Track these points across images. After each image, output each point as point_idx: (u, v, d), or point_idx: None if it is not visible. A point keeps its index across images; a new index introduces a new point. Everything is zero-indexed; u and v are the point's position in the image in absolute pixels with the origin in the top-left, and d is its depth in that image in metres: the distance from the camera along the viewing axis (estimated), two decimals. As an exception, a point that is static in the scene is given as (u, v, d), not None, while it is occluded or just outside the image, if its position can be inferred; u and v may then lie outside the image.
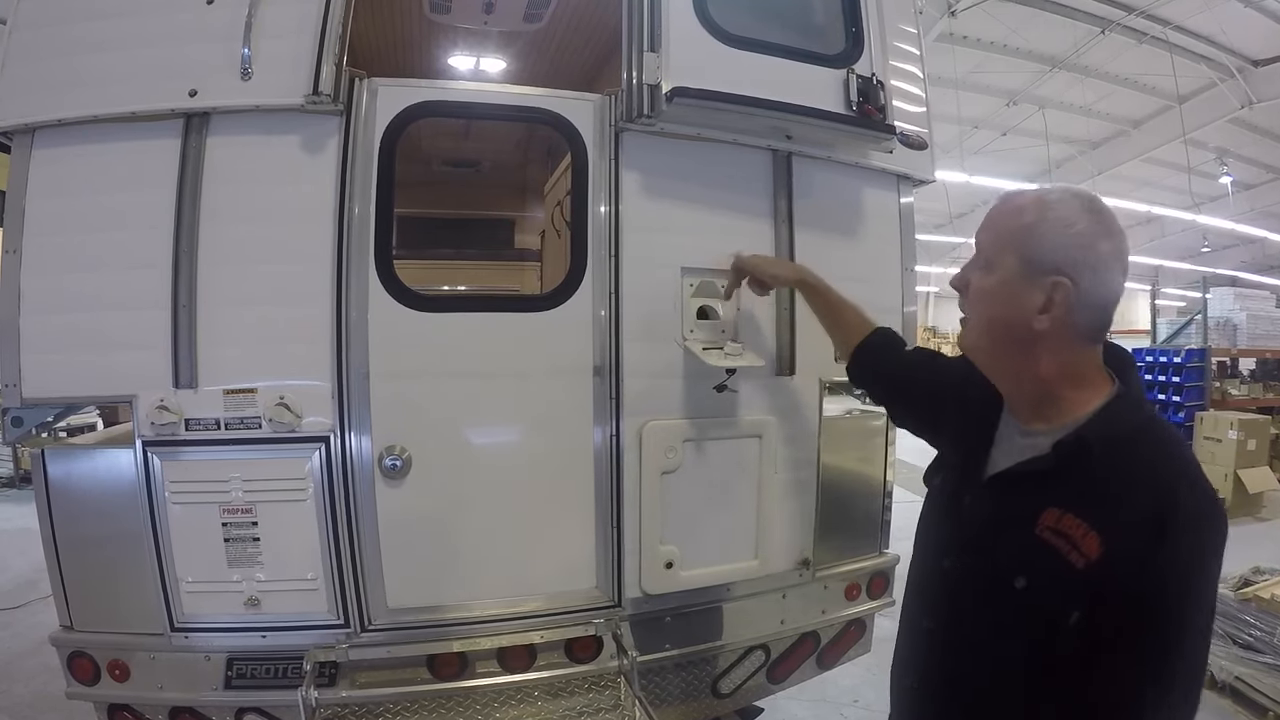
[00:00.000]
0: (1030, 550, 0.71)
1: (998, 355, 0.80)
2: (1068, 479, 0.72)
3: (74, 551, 1.38)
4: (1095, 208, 0.73)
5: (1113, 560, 0.67)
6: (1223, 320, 6.73)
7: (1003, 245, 0.76)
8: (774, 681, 1.77)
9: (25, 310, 1.32)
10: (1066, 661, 0.69)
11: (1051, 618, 0.70)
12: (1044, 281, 0.72)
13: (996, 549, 0.76)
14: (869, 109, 1.53)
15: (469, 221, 3.60)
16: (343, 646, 1.39)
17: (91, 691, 1.41)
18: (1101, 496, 0.69)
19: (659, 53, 1.39)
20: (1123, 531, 0.67)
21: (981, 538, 0.78)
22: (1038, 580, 0.71)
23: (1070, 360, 0.75)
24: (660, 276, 1.53)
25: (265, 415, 1.34)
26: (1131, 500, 0.68)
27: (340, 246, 1.37)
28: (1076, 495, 0.70)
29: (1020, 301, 0.74)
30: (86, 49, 1.34)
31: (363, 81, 1.40)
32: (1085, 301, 0.72)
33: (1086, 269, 0.72)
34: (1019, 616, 0.73)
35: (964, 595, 0.80)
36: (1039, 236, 0.73)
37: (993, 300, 0.77)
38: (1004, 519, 0.76)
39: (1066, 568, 0.68)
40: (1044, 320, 0.73)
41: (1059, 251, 0.72)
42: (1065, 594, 0.69)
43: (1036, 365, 0.75)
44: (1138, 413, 0.75)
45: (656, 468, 1.51)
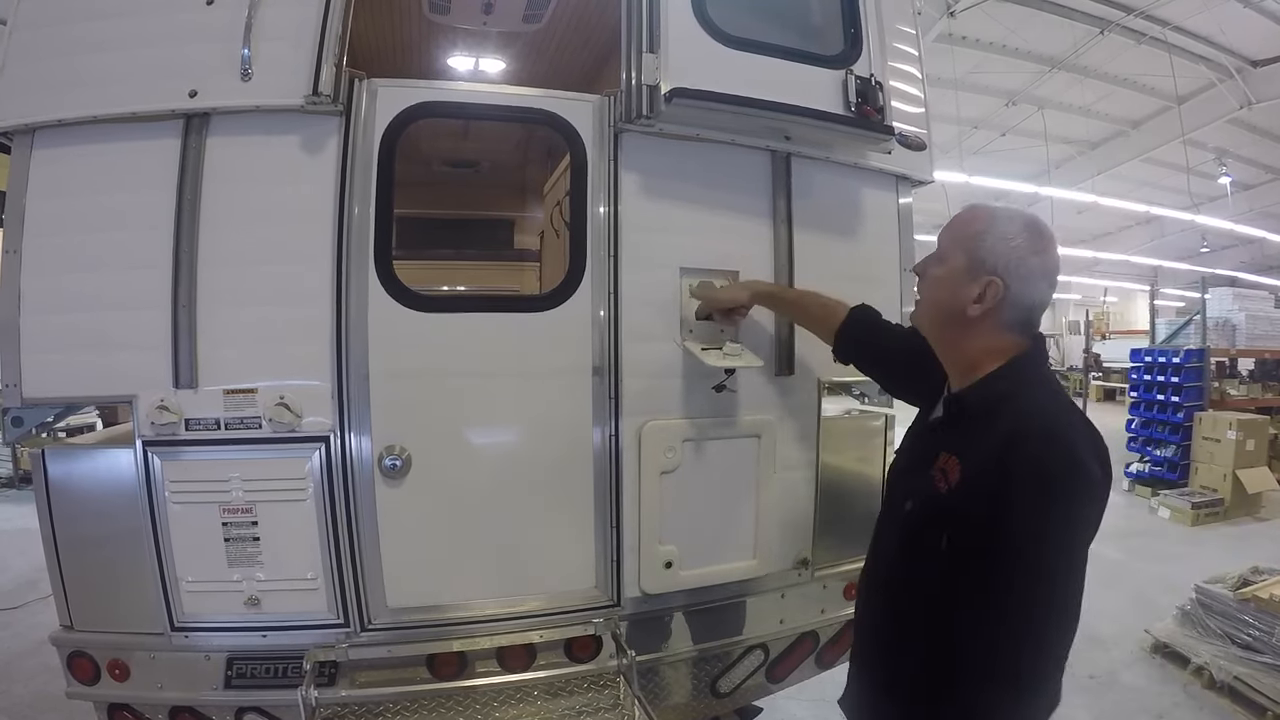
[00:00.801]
0: (921, 482, 0.94)
1: (938, 330, 1.01)
2: (955, 429, 0.95)
3: (74, 551, 1.38)
4: (1035, 229, 0.93)
5: (966, 487, 0.86)
6: (1221, 320, 6.73)
7: (955, 244, 0.95)
8: (773, 681, 1.77)
9: (25, 310, 1.33)
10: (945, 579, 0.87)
11: (926, 538, 0.90)
12: (981, 279, 0.92)
13: (906, 487, 0.99)
14: (867, 110, 1.53)
15: (468, 222, 3.60)
16: (342, 646, 1.39)
17: (91, 691, 1.41)
18: (968, 439, 0.90)
19: (658, 54, 1.39)
20: (976, 466, 0.86)
21: (903, 477, 1.03)
22: (916, 503, 0.95)
23: (994, 345, 0.94)
24: (659, 277, 1.53)
25: (265, 415, 1.34)
26: (988, 444, 0.86)
27: (340, 247, 1.37)
28: (958, 440, 0.92)
29: (960, 291, 0.93)
30: (86, 49, 1.34)
31: (362, 82, 1.40)
32: (1012, 301, 0.91)
33: (1016, 276, 0.91)
34: (907, 537, 0.96)
35: (889, 528, 1.04)
36: (983, 242, 0.92)
37: (940, 287, 0.97)
38: (916, 463, 0.99)
39: (935, 491, 0.90)
40: (976, 309, 0.92)
41: (996, 257, 0.91)
42: (933, 515, 0.90)
43: (967, 340, 0.96)
44: (1021, 373, 0.93)
45: (656, 467, 1.51)
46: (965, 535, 0.84)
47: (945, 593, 0.86)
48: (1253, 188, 11.46)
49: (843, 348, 1.39)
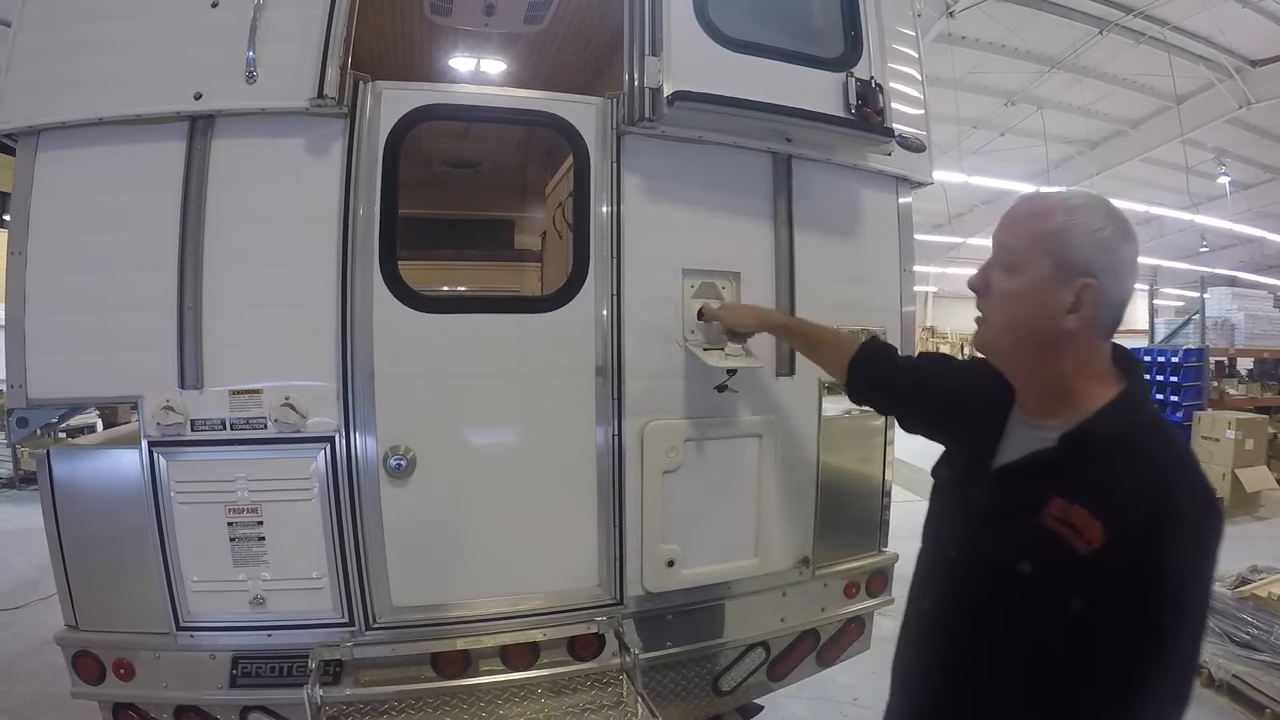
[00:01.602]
0: (1037, 537, 0.74)
1: (1018, 353, 0.82)
2: (1073, 470, 0.74)
3: (79, 551, 1.39)
4: (1115, 214, 0.77)
5: (1114, 549, 0.69)
6: (1220, 320, 6.75)
7: (1031, 248, 0.77)
8: (774, 679, 1.78)
9: (30, 312, 1.33)
10: (1064, 647, 0.72)
11: (1053, 604, 0.72)
12: (1074, 283, 0.75)
13: (1003, 537, 0.78)
14: (867, 112, 1.54)
15: (468, 222, 3.61)
16: (347, 645, 1.40)
17: (97, 691, 1.41)
18: (1105, 488, 0.72)
19: (660, 56, 1.40)
20: (1124, 523, 0.70)
21: (988, 527, 0.81)
22: (1043, 566, 0.73)
23: (1088, 357, 0.78)
24: (661, 278, 1.54)
25: (271, 415, 1.35)
26: (1133, 494, 0.71)
27: (345, 248, 1.38)
28: (1082, 485, 0.73)
29: (1050, 302, 0.76)
30: (91, 51, 1.35)
31: (367, 85, 1.41)
32: (1107, 301, 0.76)
33: (1110, 271, 0.75)
34: (1022, 602, 0.75)
35: (967, 583, 0.83)
36: (1069, 240, 0.75)
37: (1020, 301, 0.79)
38: (1011, 508, 0.78)
39: (1071, 554, 0.71)
40: (1073, 320, 0.76)
41: (1089, 255, 0.75)
42: (1068, 580, 0.71)
43: (1059, 362, 0.78)
44: (1141, 410, 0.79)
45: (658, 467, 1.52)
46: (1105, 600, 0.69)
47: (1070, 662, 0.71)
48: (1252, 187, 11.48)
49: (856, 384, 1.25)
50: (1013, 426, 0.86)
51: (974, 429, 0.89)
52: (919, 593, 0.93)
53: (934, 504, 0.94)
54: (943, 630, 0.86)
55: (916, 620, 0.92)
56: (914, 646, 0.92)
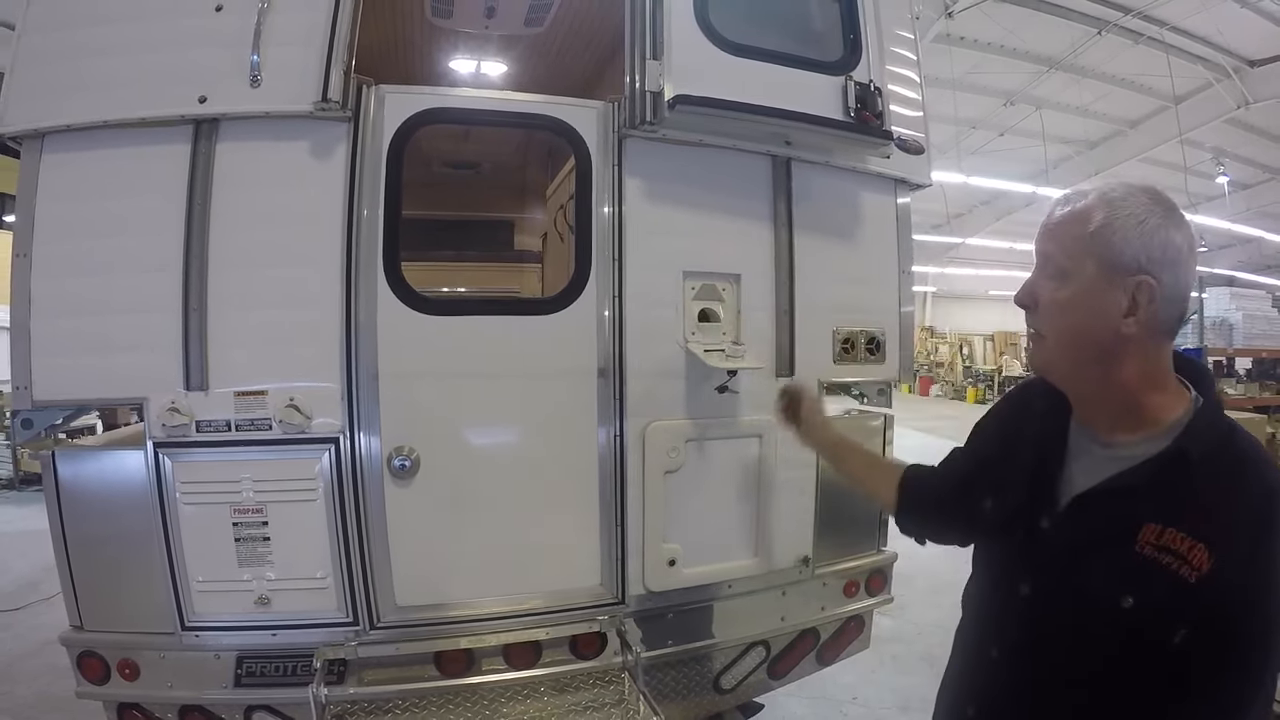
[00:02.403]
0: (1134, 568, 0.69)
1: (1081, 367, 0.75)
2: (1167, 493, 0.69)
3: (84, 552, 1.40)
4: (1161, 199, 0.71)
5: (1222, 573, 0.65)
6: (1219, 320, 6.77)
7: (1076, 252, 0.71)
8: (774, 677, 1.79)
9: (35, 314, 1.34)
10: (1172, 676, 0.68)
11: (1158, 636, 0.68)
12: (1127, 283, 0.69)
13: (1092, 570, 0.72)
14: (866, 115, 1.55)
15: (468, 223, 3.61)
16: (352, 644, 1.41)
17: (101, 691, 1.42)
18: (1204, 509, 0.67)
19: (661, 60, 1.41)
20: (1230, 543, 0.66)
21: (1070, 559, 0.74)
22: (1146, 598, 0.68)
23: (1152, 362, 0.73)
24: (662, 280, 1.56)
25: (275, 417, 1.36)
26: (1235, 512, 0.67)
27: (349, 251, 1.39)
28: (1176, 509, 0.68)
29: (1104, 308, 0.70)
30: (95, 54, 1.36)
31: (370, 88, 1.42)
32: (1167, 296, 0.70)
33: (1166, 264, 0.69)
34: (1122, 637, 0.70)
35: (1049, 620, 0.76)
36: (1114, 238, 0.69)
37: (1073, 311, 0.73)
38: (1097, 538, 0.72)
39: (1178, 583, 0.66)
40: (1131, 324, 0.70)
41: (1137, 249, 0.68)
42: (1175, 610, 0.67)
43: (1121, 372, 0.72)
44: (1225, 422, 0.74)
45: (659, 467, 1.54)
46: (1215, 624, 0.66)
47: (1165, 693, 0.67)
48: (1250, 187, 11.51)
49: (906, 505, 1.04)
50: (1078, 448, 0.78)
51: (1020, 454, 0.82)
52: (977, 635, 0.85)
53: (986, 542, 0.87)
54: (1025, 674, 0.78)
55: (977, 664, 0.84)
56: (977, 693, 0.83)
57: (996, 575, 0.84)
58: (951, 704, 0.88)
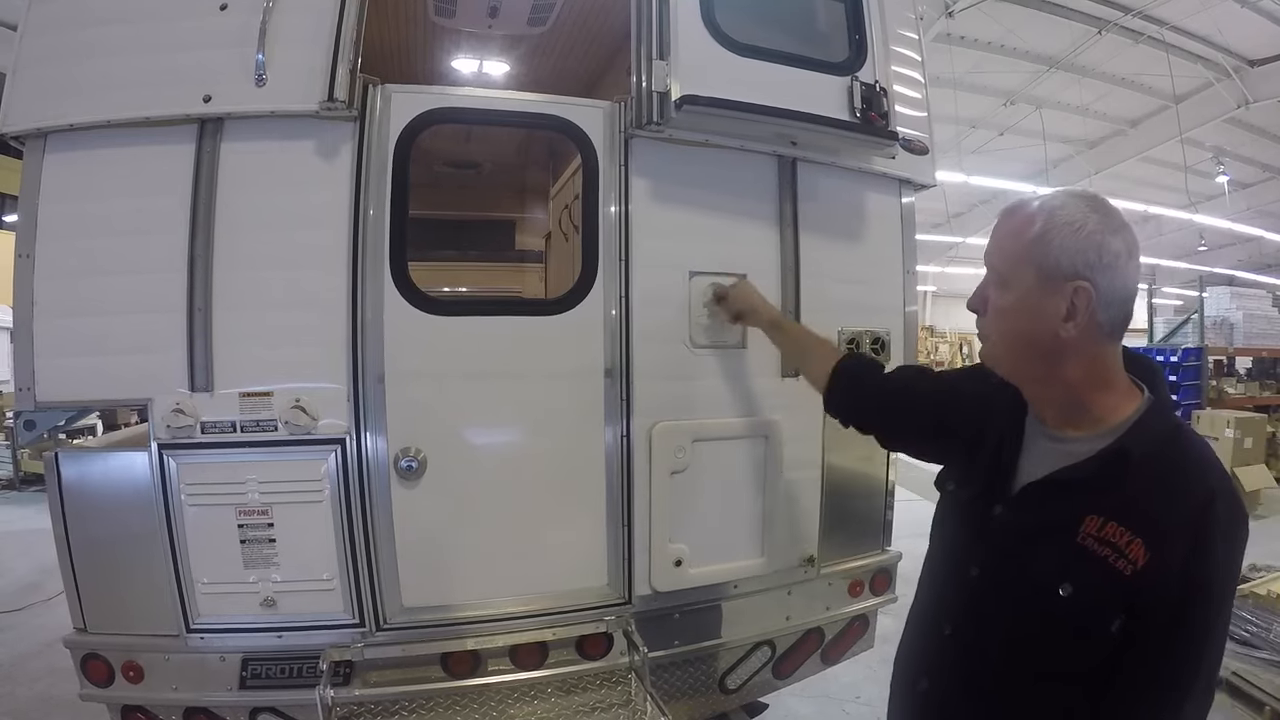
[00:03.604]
0: (1073, 558, 0.72)
1: (1023, 367, 0.79)
2: (1107, 487, 0.72)
3: (88, 554, 1.39)
4: (1099, 206, 0.73)
5: (1158, 567, 0.68)
6: (1219, 319, 6.78)
7: (1016, 260, 0.75)
8: (779, 677, 1.79)
9: (39, 314, 1.33)
10: (1104, 666, 0.71)
11: (1093, 624, 0.71)
12: (1064, 288, 0.71)
13: (1035, 557, 0.75)
14: (872, 116, 1.55)
15: (470, 223, 3.61)
16: (358, 646, 1.40)
17: (105, 693, 1.42)
18: (1143, 505, 0.70)
19: (668, 60, 1.41)
20: (1166, 539, 0.68)
21: (1016, 545, 0.78)
22: (1085, 586, 0.71)
23: (1096, 363, 0.75)
24: (669, 280, 1.55)
25: (281, 418, 1.35)
26: (1173, 508, 0.69)
27: (355, 251, 1.38)
28: (1117, 503, 0.71)
29: (1043, 313, 0.73)
30: (99, 54, 1.35)
31: (376, 88, 1.41)
32: (1106, 300, 0.72)
33: (1103, 269, 0.71)
34: (1057, 623, 0.73)
35: (994, 602, 0.80)
36: (1050, 244, 0.72)
37: (1014, 316, 0.76)
38: (1042, 527, 0.76)
39: (1113, 574, 0.69)
40: (1069, 328, 0.72)
41: (1074, 256, 0.71)
42: (1110, 600, 0.70)
43: (1063, 372, 0.75)
44: (1171, 422, 0.76)
45: (666, 467, 1.53)
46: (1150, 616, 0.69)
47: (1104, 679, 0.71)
48: (1250, 186, 11.52)
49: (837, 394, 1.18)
50: (1031, 438, 0.82)
51: (984, 439, 0.86)
52: (932, 613, 0.89)
53: (945, 520, 0.91)
54: (970, 651, 0.82)
55: (928, 639, 0.88)
56: (928, 668, 0.87)
57: (950, 556, 0.88)
58: (905, 675, 0.92)
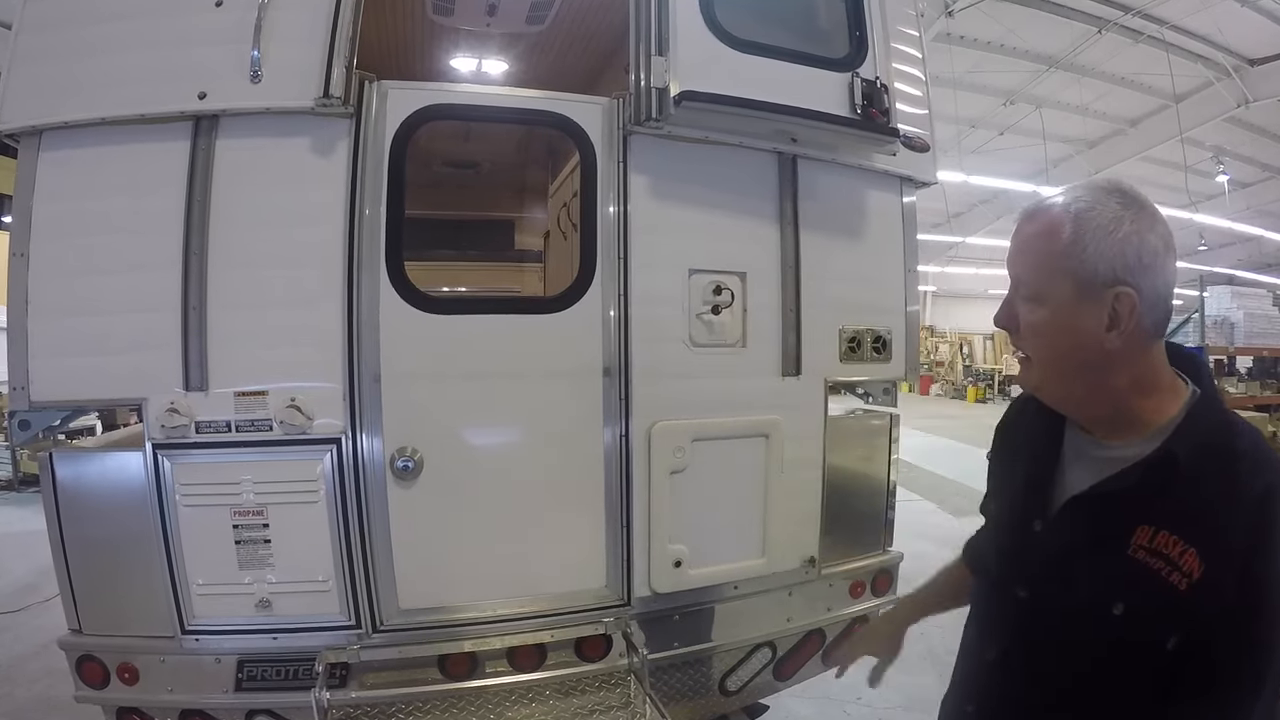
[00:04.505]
0: (1125, 573, 0.67)
1: (1070, 384, 0.73)
2: (1156, 494, 0.67)
3: (83, 555, 1.38)
4: (1130, 200, 0.67)
5: (1214, 579, 0.63)
6: (1220, 318, 6.76)
7: (1048, 271, 0.69)
8: (780, 679, 1.78)
9: (33, 313, 1.33)
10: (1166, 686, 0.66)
11: (1149, 641, 0.66)
12: (1105, 296, 0.66)
13: (1084, 575, 0.71)
14: (873, 112, 1.54)
15: (469, 223, 3.60)
16: (354, 647, 1.39)
17: (101, 695, 1.41)
18: (1196, 511, 0.65)
19: (667, 56, 1.40)
20: (1221, 545, 0.64)
21: (1063, 564, 0.73)
22: (1137, 603, 0.66)
23: (1143, 367, 0.70)
24: (668, 278, 1.54)
25: (276, 417, 1.34)
26: (1228, 513, 0.64)
27: (351, 249, 1.37)
28: (1168, 511, 0.66)
29: (1084, 326, 0.67)
30: (94, 51, 1.34)
31: (372, 84, 1.41)
32: (1150, 303, 0.67)
33: (1144, 270, 0.66)
34: (1112, 643, 0.68)
35: (1042, 624, 0.74)
36: (1086, 251, 0.66)
37: (1053, 333, 0.70)
38: (1089, 542, 0.71)
39: (1167, 589, 0.64)
40: (1114, 337, 0.67)
41: (1112, 261, 0.65)
42: (1166, 617, 0.65)
43: (1111, 382, 0.70)
44: (1219, 417, 0.71)
45: (665, 467, 1.52)
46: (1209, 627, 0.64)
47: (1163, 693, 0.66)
48: (1250, 186, 11.53)
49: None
50: (1074, 451, 0.76)
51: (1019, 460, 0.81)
52: (976, 637, 0.85)
53: (989, 543, 0.87)
54: (1019, 676, 0.77)
55: (976, 666, 0.83)
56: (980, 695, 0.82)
57: (995, 578, 0.83)
58: (954, 703, 0.88)
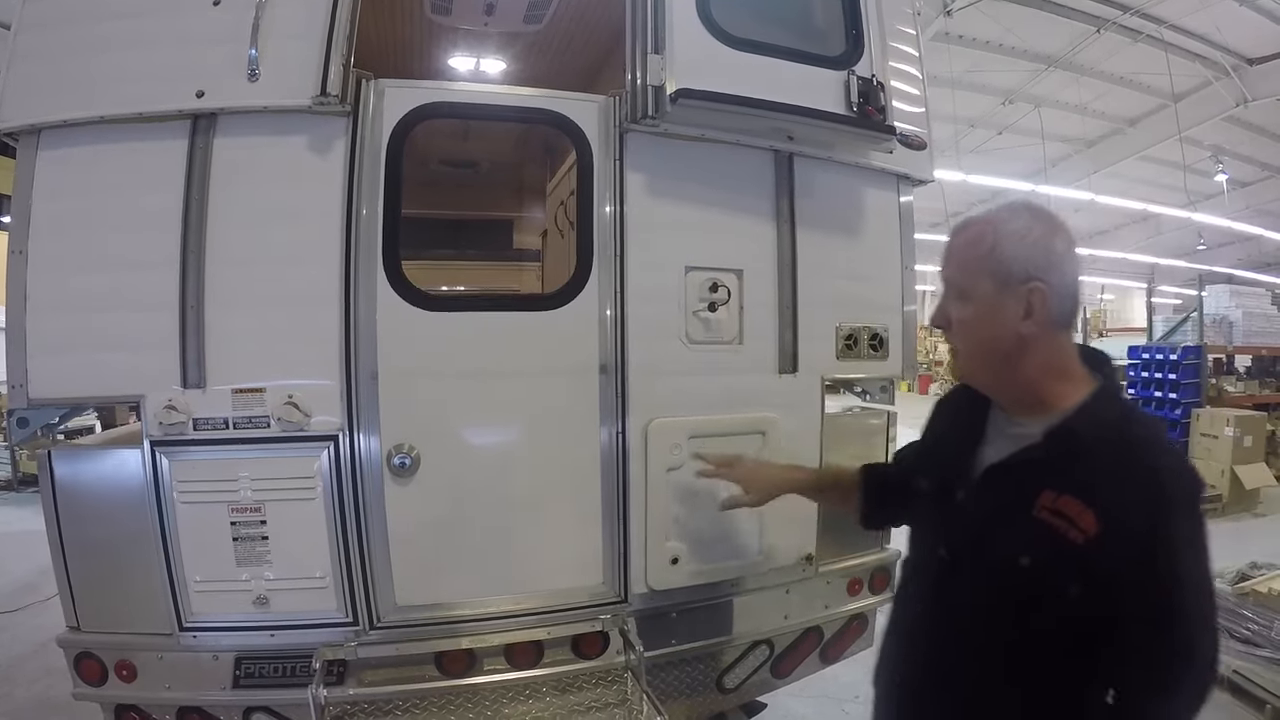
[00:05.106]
0: (1030, 531, 0.78)
1: (993, 371, 0.87)
2: (1060, 465, 0.78)
3: (81, 552, 1.38)
4: (1038, 213, 0.83)
5: (1109, 535, 0.73)
6: (1219, 317, 6.76)
7: (974, 273, 0.83)
8: (778, 676, 1.78)
9: (31, 311, 1.33)
10: (1067, 636, 0.76)
11: (1053, 593, 0.76)
12: (1020, 290, 0.80)
13: (996, 534, 0.81)
14: (869, 110, 1.54)
15: (467, 223, 3.60)
16: (351, 644, 1.40)
17: (98, 692, 1.41)
18: (1094, 479, 0.76)
19: (663, 54, 1.40)
20: (1117, 509, 0.74)
21: (979, 526, 0.84)
22: (1040, 557, 0.77)
23: (1053, 353, 0.83)
24: (665, 276, 1.54)
25: (274, 414, 1.34)
26: (1123, 482, 0.75)
27: (348, 247, 1.38)
28: (1070, 479, 0.77)
29: (1004, 316, 0.81)
30: (92, 50, 1.35)
31: (369, 82, 1.41)
32: (1058, 295, 0.81)
33: (1049, 268, 0.80)
34: (1020, 596, 0.79)
35: (960, 581, 0.85)
36: (1003, 254, 0.81)
37: (979, 325, 0.84)
38: (1001, 506, 0.82)
39: (1066, 544, 0.75)
40: (1029, 325, 0.81)
41: (1024, 261, 0.80)
42: (1065, 569, 0.75)
43: (1025, 366, 0.83)
44: (1118, 403, 0.85)
45: (662, 465, 1.52)
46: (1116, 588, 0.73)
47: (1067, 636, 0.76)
48: (1249, 185, 11.52)
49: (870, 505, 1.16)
50: (995, 430, 0.89)
51: (948, 439, 0.94)
52: (906, 598, 0.96)
53: (916, 513, 0.99)
54: (941, 630, 0.87)
55: (907, 624, 0.94)
56: (906, 652, 0.93)
57: (922, 543, 0.96)
58: (887, 652, 0.99)
